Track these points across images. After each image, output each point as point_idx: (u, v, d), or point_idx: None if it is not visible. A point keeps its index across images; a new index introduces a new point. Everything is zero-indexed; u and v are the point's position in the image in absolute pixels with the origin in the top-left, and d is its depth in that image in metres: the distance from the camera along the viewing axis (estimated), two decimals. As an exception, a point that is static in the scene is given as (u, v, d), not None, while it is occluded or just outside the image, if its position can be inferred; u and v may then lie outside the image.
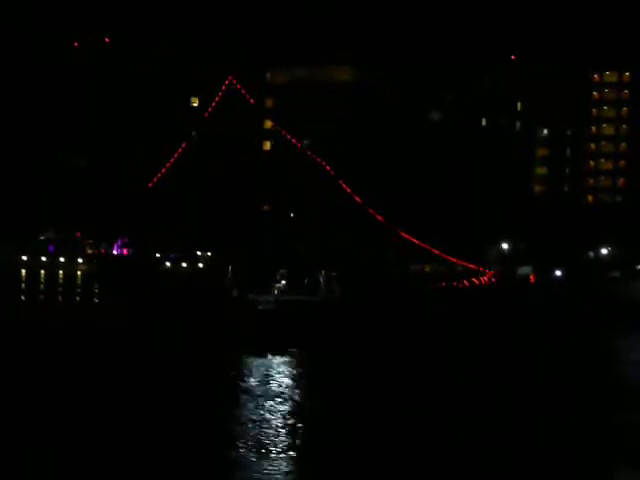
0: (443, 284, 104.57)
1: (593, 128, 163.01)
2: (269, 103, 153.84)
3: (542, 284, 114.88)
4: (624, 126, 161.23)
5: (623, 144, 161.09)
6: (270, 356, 61.09)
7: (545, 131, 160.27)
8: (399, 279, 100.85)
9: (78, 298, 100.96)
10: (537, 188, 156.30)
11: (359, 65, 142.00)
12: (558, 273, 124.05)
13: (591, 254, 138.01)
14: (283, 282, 76.86)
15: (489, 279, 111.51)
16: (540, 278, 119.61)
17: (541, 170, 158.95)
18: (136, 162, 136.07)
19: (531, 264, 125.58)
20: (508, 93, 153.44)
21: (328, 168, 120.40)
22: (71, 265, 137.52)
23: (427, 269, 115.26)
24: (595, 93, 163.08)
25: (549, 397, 51.42)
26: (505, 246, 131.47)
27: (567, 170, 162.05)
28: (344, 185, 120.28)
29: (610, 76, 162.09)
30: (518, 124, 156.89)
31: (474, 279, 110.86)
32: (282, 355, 61.43)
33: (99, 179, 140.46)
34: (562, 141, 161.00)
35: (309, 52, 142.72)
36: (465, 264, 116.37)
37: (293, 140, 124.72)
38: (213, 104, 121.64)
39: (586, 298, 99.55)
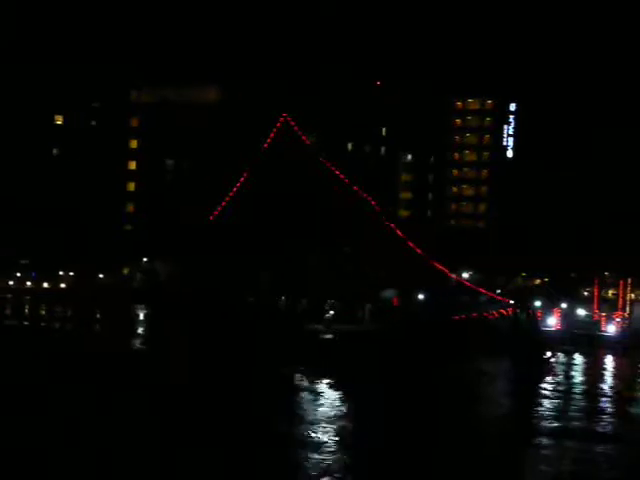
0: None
1: (456, 154, 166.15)
2: (134, 122, 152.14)
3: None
4: (486, 153, 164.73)
5: (485, 171, 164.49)
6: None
7: (409, 157, 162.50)
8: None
9: None
10: (402, 213, 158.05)
11: (227, 85, 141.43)
12: (421, 296, 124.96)
13: (453, 278, 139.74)
14: (331, 312, 78.58)
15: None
16: (404, 301, 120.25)
17: (405, 195, 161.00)
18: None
19: (394, 288, 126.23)
20: (373, 118, 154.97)
21: (373, 203, 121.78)
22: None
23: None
24: (458, 120, 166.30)
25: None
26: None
27: (430, 195, 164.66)
28: (387, 222, 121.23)
29: (473, 103, 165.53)
30: (383, 149, 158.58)
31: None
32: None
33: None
34: (425, 167, 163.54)
35: (176, 72, 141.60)
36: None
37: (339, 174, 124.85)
38: (269, 140, 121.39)
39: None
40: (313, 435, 44.79)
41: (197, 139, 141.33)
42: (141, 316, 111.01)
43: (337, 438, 45.18)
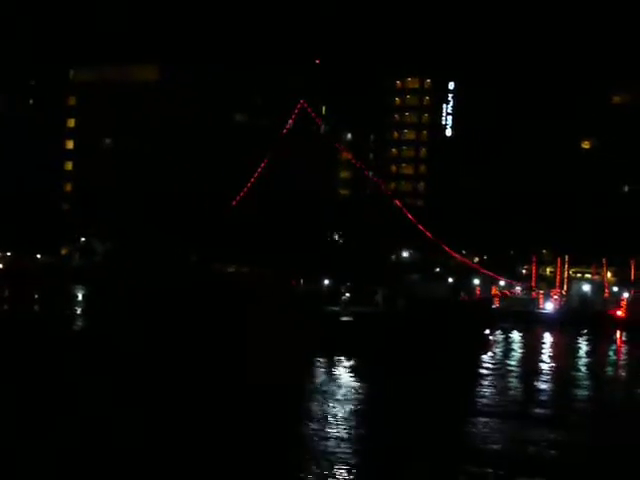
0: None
1: (395, 133, 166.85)
2: (72, 101, 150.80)
3: None
4: (425, 132, 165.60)
5: (424, 149, 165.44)
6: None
7: (349, 135, 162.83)
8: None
9: None
10: (342, 192, 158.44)
11: (166, 65, 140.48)
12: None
13: (393, 257, 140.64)
14: (347, 295, 78.90)
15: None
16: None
17: (345, 174, 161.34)
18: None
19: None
20: (312, 97, 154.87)
21: (383, 187, 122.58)
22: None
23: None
24: (397, 99, 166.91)
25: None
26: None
27: (370, 174, 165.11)
28: (399, 203, 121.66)
29: (412, 82, 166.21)
30: (323, 128, 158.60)
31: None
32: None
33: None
34: (365, 145, 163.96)
35: (115, 51, 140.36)
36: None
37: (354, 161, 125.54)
38: (287, 126, 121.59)
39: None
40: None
41: (135, 118, 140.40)
42: (79, 295, 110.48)
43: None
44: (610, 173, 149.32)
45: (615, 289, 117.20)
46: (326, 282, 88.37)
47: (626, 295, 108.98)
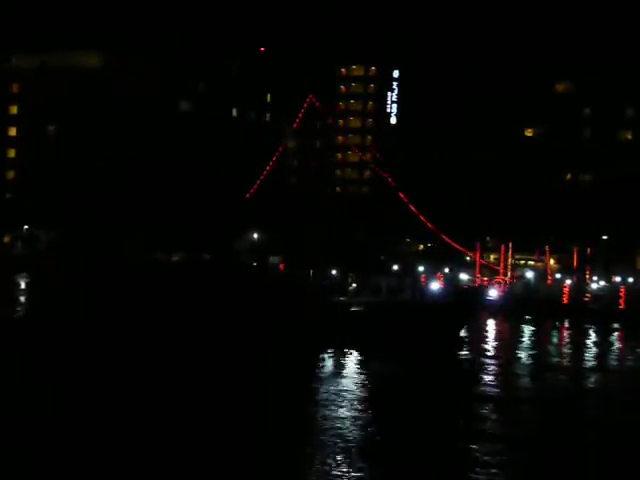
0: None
1: (341, 121, 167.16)
2: (15, 88, 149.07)
3: None
4: (370, 119, 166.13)
5: (369, 137, 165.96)
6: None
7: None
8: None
9: None
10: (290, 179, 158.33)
11: (109, 52, 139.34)
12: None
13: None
14: (354, 285, 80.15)
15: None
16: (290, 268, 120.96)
17: (289, 162, 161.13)
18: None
19: (281, 254, 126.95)
20: (257, 84, 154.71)
21: (390, 180, 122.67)
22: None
23: None
24: (342, 87, 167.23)
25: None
26: (256, 236, 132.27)
27: (315, 162, 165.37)
28: (403, 196, 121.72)
29: (356, 70, 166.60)
30: (268, 116, 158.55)
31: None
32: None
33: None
34: (311, 133, 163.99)
35: (58, 37, 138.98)
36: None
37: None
38: (297, 120, 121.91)
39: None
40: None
41: (79, 105, 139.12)
42: (22, 284, 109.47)
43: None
44: (553, 161, 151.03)
45: (558, 276, 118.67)
46: (334, 272, 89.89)
47: (569, 282, 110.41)
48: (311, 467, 34.05)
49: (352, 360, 61.07)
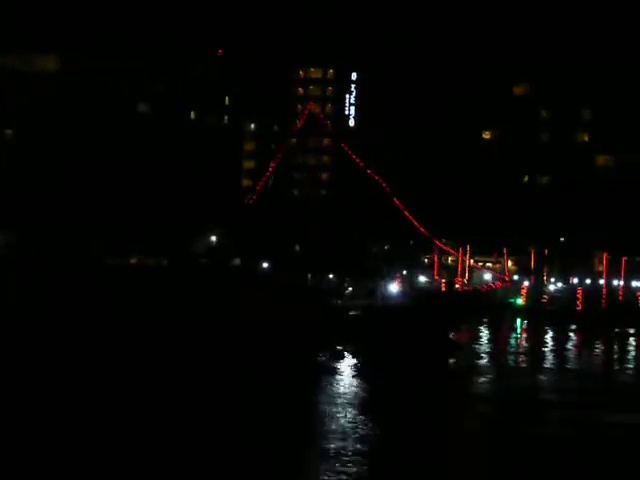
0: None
1: (298, 123, 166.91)
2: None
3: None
4: (328, 122, 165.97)
5: (327, 140, 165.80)
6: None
7: (252, 125, 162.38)
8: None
9: None
10: (245, 182, 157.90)
11: (66, 54, 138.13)
12: (265, 265, 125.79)
13: (297, 247, 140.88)
14: (350, 289, 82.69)
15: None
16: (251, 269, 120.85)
17: (248, 164, 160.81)
18: None
19: (239, 256, 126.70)
20: (216, 87, 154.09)
21: (384, 185, 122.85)
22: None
23: None
24: (300, 89, 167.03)
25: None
26: (214, 238, 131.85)
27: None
28: (397, 202, 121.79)
29: (315, 72, 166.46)
30: (226, 118, 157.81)
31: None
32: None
33: None
34: (269, 136, 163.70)
35: (14, 40, 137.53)
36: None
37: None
38: (298, 126, 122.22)
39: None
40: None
41: (36, 109, 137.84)
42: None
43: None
44: (510, 163, 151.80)
45: (516, 277, 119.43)
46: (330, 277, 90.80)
47: (526, 283, 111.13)
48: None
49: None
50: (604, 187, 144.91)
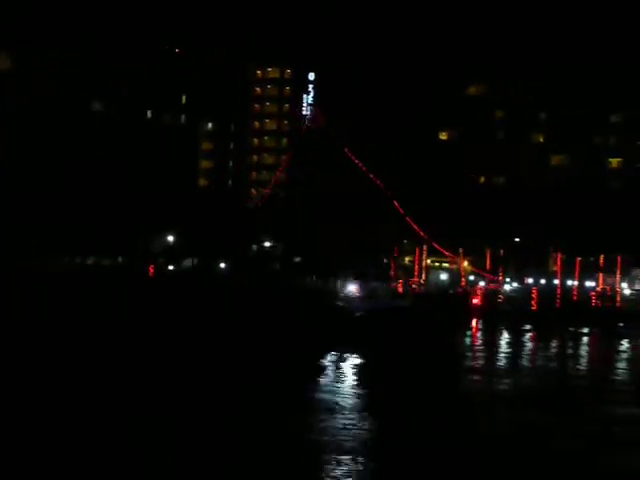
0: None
1: (256, 123, 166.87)
2: None
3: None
4: (285, 122, 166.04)
5: (284, 139, 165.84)
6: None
7: (210, 125, 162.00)
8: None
9: None
10: (201, 181, 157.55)
11: (20, 53, 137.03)
12: (222, 265, 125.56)
13: (254, 247, 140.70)
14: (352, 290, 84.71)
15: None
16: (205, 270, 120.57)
17: (206, 164, 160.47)
18: None
19: (195, 257, 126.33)
20: (172, 86, 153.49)
21: (382, 187, 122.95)
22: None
23: None
24: (258, 89, 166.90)
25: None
26: (171, 239, 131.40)
27: (231, 164, 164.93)
28: (396, 204, 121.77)
29: (272, 72, 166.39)
30: (183, 117, 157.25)
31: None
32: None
33: None
34: (226, 135, 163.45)
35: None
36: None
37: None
38: (303, 130, 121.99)
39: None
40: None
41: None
42: None
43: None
44: (467, 163, 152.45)
45: (471, 278, 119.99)
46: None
47: (482, 284, 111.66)
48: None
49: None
50: (559, 187, 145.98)
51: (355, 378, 56.76)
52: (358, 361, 64.05)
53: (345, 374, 58.18)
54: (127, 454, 33.79)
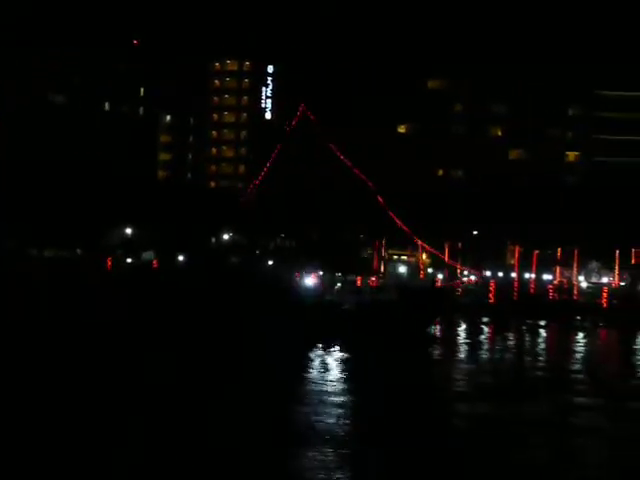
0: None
1: (215, 116, 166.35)
2: None
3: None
4: (244, 114, 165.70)
5: (243, 132, 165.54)
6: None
7: (168, 117, 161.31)
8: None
9: None
10: (160, 174, 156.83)
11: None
12: (181, 258, 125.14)
13: (213, 240, 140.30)
14: (339, 284, 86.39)
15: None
16: (164, 263, 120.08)
17: (164, 156, 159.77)
18: None
19: (154, 249, 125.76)
20: (131, 78, 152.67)
21: (370, 184, 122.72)
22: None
23: None
24: (216, 81, 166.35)
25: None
26: (129, 231, 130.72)
27: (190, 156, 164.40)
28: (381, 199, 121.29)
29: (231, 65, 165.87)
30: (141, 109, 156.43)
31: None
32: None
33: None
34: (185, 128, 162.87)
35: None
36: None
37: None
38: (291, 127, 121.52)
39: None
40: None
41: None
42: None
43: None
44: (425, 157, 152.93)
45: (430, 270, 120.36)
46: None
47: (440, 276, 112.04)
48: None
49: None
50: (517, 181, 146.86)
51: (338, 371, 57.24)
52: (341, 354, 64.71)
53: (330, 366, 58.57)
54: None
